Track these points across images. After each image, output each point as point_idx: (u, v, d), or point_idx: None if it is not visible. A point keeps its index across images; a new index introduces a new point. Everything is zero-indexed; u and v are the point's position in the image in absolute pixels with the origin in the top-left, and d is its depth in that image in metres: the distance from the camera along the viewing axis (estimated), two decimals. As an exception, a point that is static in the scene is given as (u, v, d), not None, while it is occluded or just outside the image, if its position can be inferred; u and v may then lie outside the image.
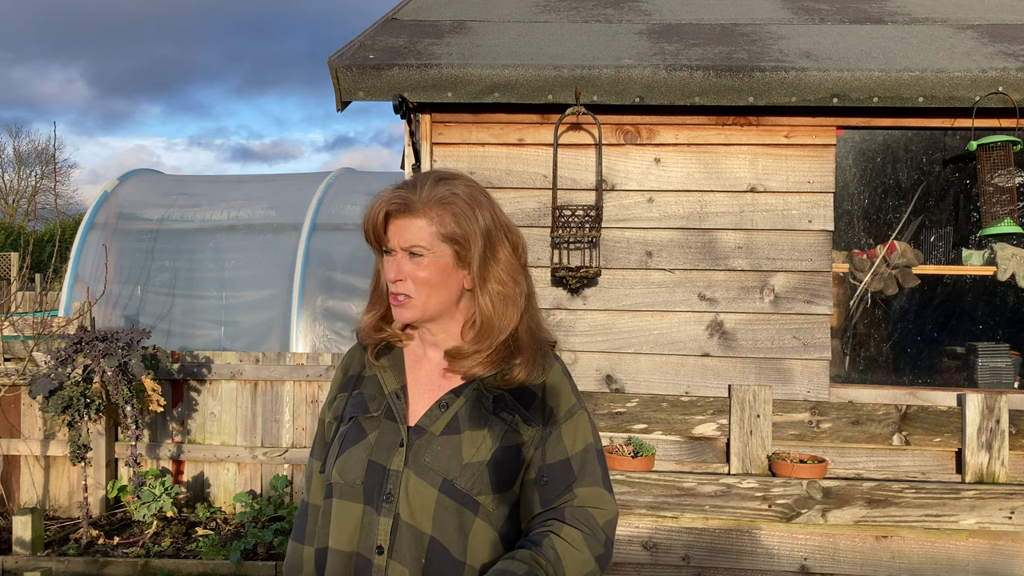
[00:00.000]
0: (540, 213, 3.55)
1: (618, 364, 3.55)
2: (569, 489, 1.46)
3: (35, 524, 4.87)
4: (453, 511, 1.40)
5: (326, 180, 7.85)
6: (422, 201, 1.42)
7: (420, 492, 1.40)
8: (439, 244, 1.43)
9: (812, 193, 3.50)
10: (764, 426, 3.37)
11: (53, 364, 4.82)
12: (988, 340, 3.67)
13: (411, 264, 1.43)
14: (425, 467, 1.41)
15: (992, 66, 3.31)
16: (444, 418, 1.45)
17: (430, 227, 1.42)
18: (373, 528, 1.41)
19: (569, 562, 1.39)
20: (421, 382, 1.51)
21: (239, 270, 7.10)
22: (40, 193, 30.08)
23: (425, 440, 1.43)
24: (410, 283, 1.44)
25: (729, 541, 3.31)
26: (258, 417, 5.70)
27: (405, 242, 1.43)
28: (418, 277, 1.43)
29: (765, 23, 4.00)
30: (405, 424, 1.46)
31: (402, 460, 1.42)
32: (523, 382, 1.47)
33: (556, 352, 1.58)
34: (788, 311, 3.50)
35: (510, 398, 1.46)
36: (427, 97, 3.34)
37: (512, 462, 1.44)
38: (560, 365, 1.54)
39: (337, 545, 1.44)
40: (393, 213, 1.43)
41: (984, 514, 3.19)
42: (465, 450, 1.42)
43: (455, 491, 1.40)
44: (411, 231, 1.42)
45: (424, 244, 1.42)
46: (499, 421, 1.44)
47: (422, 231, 1.42)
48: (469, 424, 1.44)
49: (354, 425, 1.49)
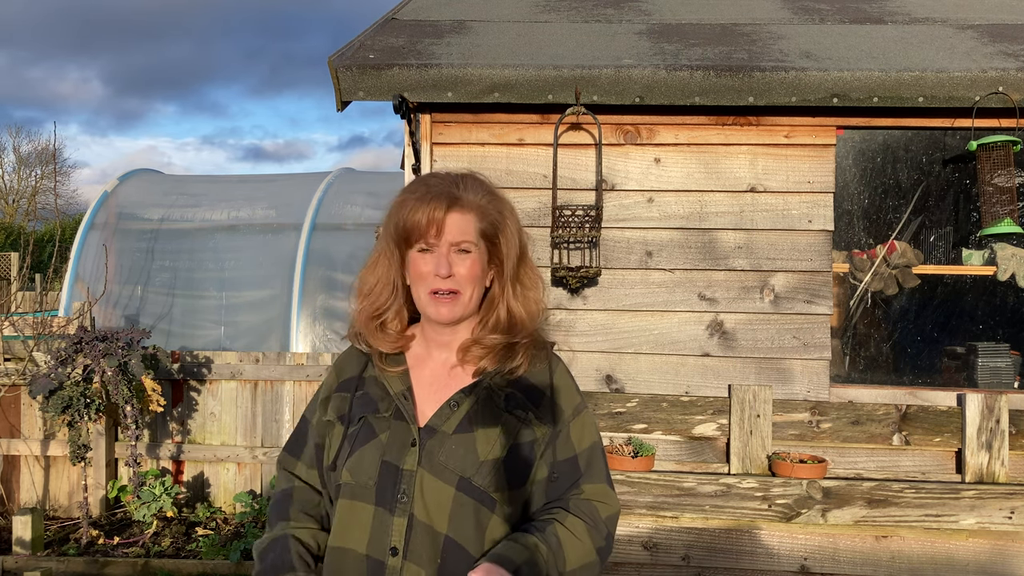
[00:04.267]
0: (540, 213, 3.55)
1: (618, 364, 3.54)
2: (576, 485, 1.48)
3: (35, 524, 4.87)
4: (471, 508, 1.40)
5: (326, 180, 7.85)
6: (470, 198, 1.44)
7: (437, 491, 1.40)
8: (481, 241, 1.45)
9: (812, 193, 3.50)
10: (764, 426, 3.37)
11: (53, 364, 4.82)
12: (988, 340, 3.67)
13: (459, 260, 1.44)
14: (440, 466, 1.41)
15: (992, 66, 3.31)
16: (456, 417, 1.45)
17: (478, 223, 1.44)
18: (386, 529, 1.40)
19: (570, 550, 1.41)
20: (426, 383, 1.50)
21: (239, 270, 7.10)
22: (40, 193, 30.08)
23: (438, 440, 1.43)
24: (457, 279, 1.44)
25: (729, 541, 3.31)
26: (258, 417, 5.70)
27: (456, 237, 1.43)
28: (465, 274, 1.44)
29: (765, 23, 4.00)
30: (415, 424, 1.45)
31: (415, 460, 1.42)
32: (524, 375, 1.48)
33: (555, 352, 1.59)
34: (788, 311, 3.50)
35: (520, 396, 1.47)
36: (427, 97, 3.34)
37: (525, 458, 1.45)
38: (564, 366, 1.56)
39: (347, 544, 1.43)
40: (449, 208, 1.42)
41: (984, 514, 3.19)
42: (480, 447, 1.42)
43: (473, 488, 1.40)
44: (462, 226, 1.43)
45: (473, 240, 1.44)
46: (512, 418, 1.45)
47: (471, 226, 1.43)
48: (482, 422, 1.44)
49: (364, 425, 1.47)
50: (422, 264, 1.44)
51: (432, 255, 1.43)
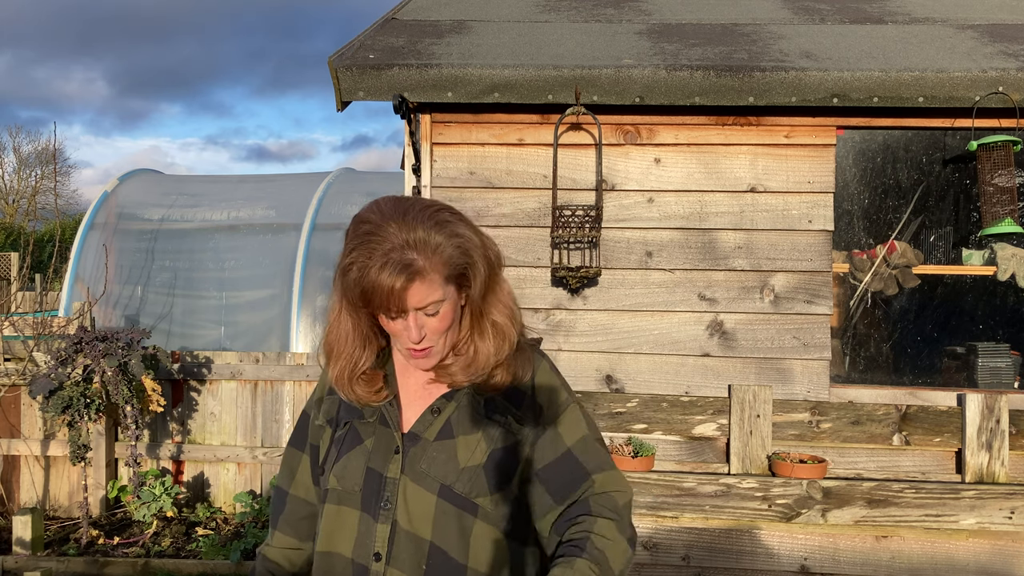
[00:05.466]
0: (540, 213, 3.55)
1: (618, 364, 3.54)
2: (586, 477, 1.46)
3: (35, 524, 4.87)
4: (453, 515, 1.40)
5: (326, 180, 7.85)
6: (429, 257, 1.34)
7: (419, 499, 1.41)
8: (448, 284, 1.38)
9: (812, 193, 3.50)
10: (764, 426, 3.37)
11: (53, 364, 4.82)
12: (988, 340, 3.67)
13: (429, 318, 1.38)
14: (422, 473, 1.41)
15: (992, 66, 3.31)
16: (437, 423, 1.45)
17: (439, 278, 1.36)
18: (370, 535, 1.41)
19: (613, 557, 1.40)
20: (411, 390, 1.50)
21: (239, 270, 7.10)
22: (40, 193, 30.08)
23: (420, 447, 1.43)
24: (430, 336, 1.40)
25: (729, 541, 3.31)
26: (258, 417, 5.70)
27: (422, 303, 1.36)
28: (437, 326, 1.39)
29: (765, 23, 4.00)
30: (399, 431, 1.45)
31: (398, 467, 1.42)
32: (506, 384, 1.45)
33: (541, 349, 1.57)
34: (788, 311, 3.50)
35: (501, 400, 1.46)
36: (427, 97, 3.34)
37: (508, 462, 1.44)
38: (547, 363, 1.53)
39: (334, 548, 1.45)
40: (409, 281, 1.33)
41: (984, 514, 3.19)
42: (461, 454, 1.42)
43: (454, 495, 1.40)
44: (425, 293, 1.35)
45: (439, 297, 1.37)
46: (492, 423, 1.44)
47: (436, 284, 1.36)
48: (463, 428, 1.44)
49: (350, 430, 1.48)
50: (392, 325, 1.40)
51: (405, 321, 1.38)
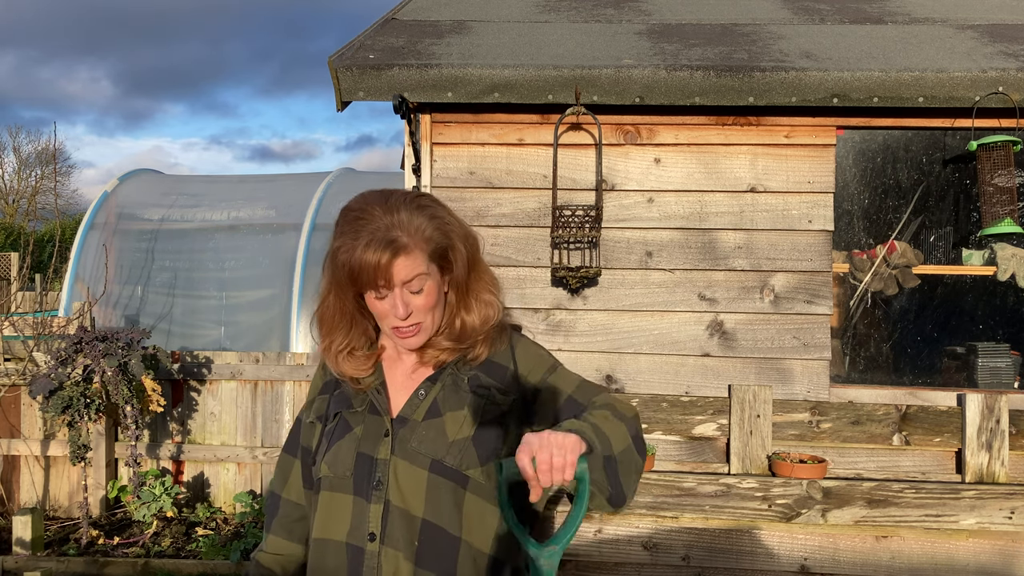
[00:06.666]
0: (540, 213, 3.55)
1: (618, 364, 3.54)
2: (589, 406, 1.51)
3: (35, 524, 4.87)
4: (445, 489, 1.44)
5: (326, 180, 7.85)
6: (412, 236, 1.41)
7: (410, 476, 1.45)
8: (432, 264, 1.45)
9: (812, 193, 3.50)
10: (764, 426, 3.37)
11: (53, 364, 4.82)
12: (988, 340, 3.67)
13: (414, 295, 1.44)
14: (412, 451, 1.46)
15: (992, 66, 3.30)
16: (424, 405, 1.50)
17: (425, 254, 1.43)
18: (364, 516, 1.45)
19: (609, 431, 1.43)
20: (398, 379, 1.55)
21: (239, 270, 7.11)
22: (40, 193, 30.07)
23: (409, 428, 1.48)
24: (416, 312, 1.45)
25: (729, 541, 3.31)
26: (258, 417, 5.70)
27: (407, 277, 1.42)
28: (423, 304, 1.45)
29: (765, 23, 4.00)
30: (388, 416, 1.50)
31: (388, 449, 1.47)
32: (484, 358, 1.52)
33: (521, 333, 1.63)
34: (788, 311, 3.50)
35: (483, 375, 1.52)
36: (427, 97, 3.34)
37: (494, 432, 1.49)
38: (526, 341, 1.60)
39: (328, 535, 1.48)
40: (394, 256, 1.40)
41: (984, 514, 3.19)
42: (449, 429, 1.47)
43: (444, 468, 1.45)
44: (410, 267, 1.42)
45: (424, 271, 1.43)
46: (477, 397, 1.50)
47: (419, 260, 1.42)
48: (449, 405, 1.49)
49: (340, 421, 1.53)
50: (379, 305, 1.46)
51: (391, 297, 1.44)
